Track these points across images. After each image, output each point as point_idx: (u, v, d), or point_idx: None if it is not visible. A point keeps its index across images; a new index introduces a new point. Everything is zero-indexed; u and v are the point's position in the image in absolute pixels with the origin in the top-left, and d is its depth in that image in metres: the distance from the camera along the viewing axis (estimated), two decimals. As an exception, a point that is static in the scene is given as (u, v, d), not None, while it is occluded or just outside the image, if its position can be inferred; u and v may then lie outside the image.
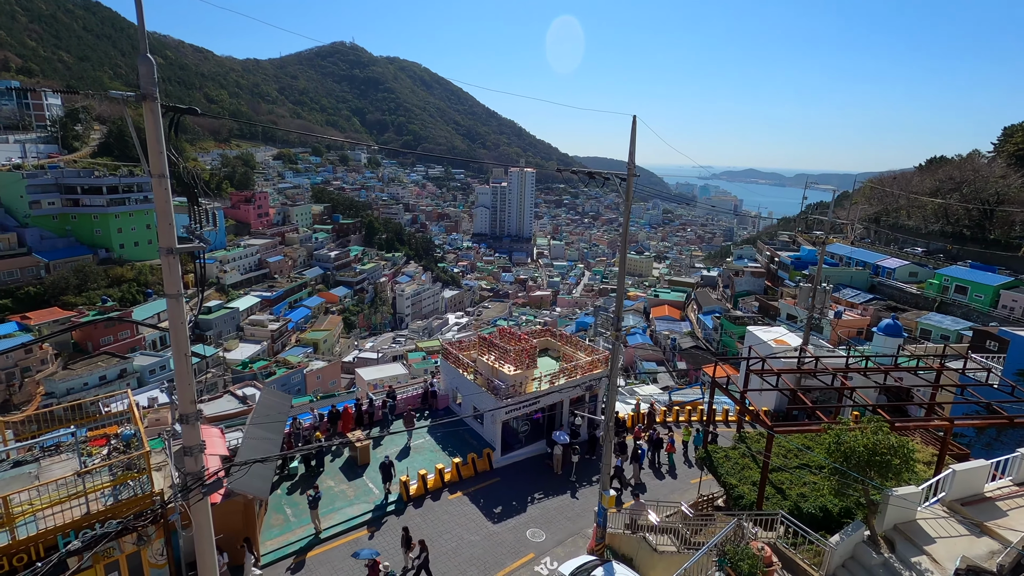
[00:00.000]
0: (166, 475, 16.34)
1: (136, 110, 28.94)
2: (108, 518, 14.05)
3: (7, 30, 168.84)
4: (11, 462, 16.21)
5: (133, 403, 18.43)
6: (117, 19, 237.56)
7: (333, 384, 77.69)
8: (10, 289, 73.69)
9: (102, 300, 77.96)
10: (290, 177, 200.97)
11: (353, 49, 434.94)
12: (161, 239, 8.19)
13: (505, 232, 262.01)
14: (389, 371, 65.29)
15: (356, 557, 16.04)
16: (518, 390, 23.48)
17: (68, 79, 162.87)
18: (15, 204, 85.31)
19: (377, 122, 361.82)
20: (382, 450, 24.00)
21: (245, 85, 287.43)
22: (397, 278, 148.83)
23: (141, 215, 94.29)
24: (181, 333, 8.42)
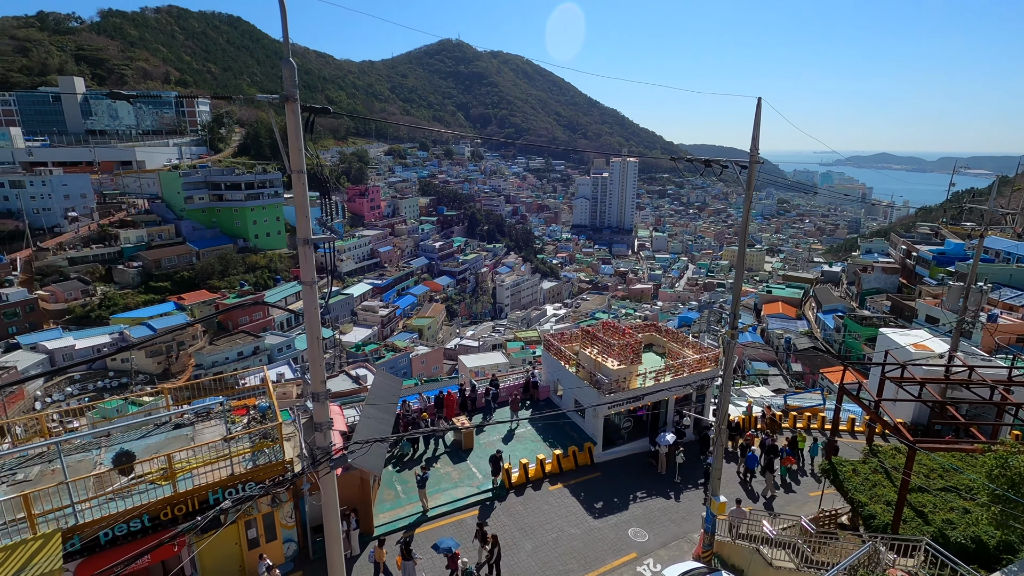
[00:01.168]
0: (294, 445, 17.96)
1: (269, 113, 31.67)
2: (248, 480, 15.72)
3: (168, 47, 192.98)
4: (172, 424, 18.65)
5: (268, 378, 20.43)
6: (254, 31, 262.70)
7: (436, 369, 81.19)
8: (169, 273, 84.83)
9: (240, 284, 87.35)
10: (400, 171, 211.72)
11: (459, 46, 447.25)
12: (299, 230, 8.88)
13: (605, 223, 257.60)
14: (490, 359, 66.85)
15: (436, 549, 16.01)
16: (621, 385, 22.99)
17: (215, 87, 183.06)
18: (174, 199, 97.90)
19: (480, 116, 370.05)
20: (484, 436, 24.64)
21: (360, 86, 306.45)
22: (497, 268, 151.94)
23: (272, 209, 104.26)
24: (314, 317, 9.10)
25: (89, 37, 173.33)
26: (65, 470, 13.84)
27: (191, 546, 14.99)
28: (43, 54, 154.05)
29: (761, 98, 13.84)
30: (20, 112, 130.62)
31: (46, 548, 12.80)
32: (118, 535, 13.87)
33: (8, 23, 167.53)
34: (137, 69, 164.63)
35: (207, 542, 14.36)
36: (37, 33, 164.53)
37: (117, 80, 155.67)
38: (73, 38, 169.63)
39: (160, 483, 14.71)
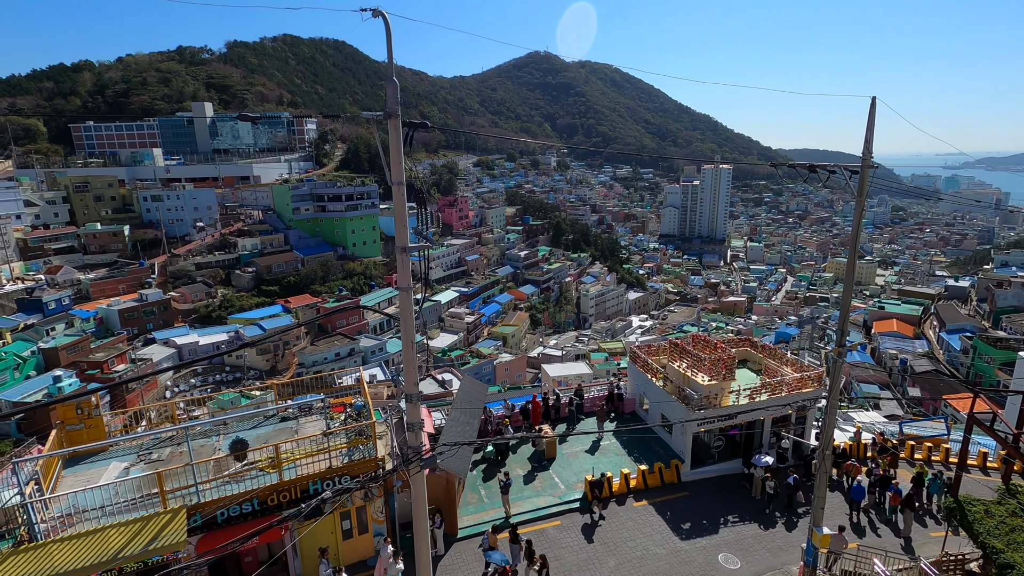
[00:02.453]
0: (386, 443, 18.83)
1: (368, 129, 33.41)
2: (343, 474, 16.68)
3: (282, 72, 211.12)
4: (279, 417, 20.23)
5: (363, 379, 21.61)
6: (356, 54, 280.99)
7: (519, 377, 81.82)
8: (278, 278, 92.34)
9: (339, 290, 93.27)
10: (487, 182, 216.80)
11: (546, 58, 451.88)
12: (397, 238, 9.38)
13: (696, 233, 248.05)
14: (573, 369, 66.36)
15: (488, 558, 16.21)
16: (712, 402, 21.96)
17: (321, 107, 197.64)
18: (284, 211, 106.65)
19: (567, 126, 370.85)
20: (567, 446, 24.47)
21: (452, 100, 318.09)
22: (582, 278, 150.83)
23: (368, 219, 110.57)
24: (409, 322, 9.54)
25: (218, 66, 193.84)
26: (191, 453, 15.43)
27: (293, 532, 16.12)
28: (181, 83, 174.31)
29: (875, 97, 12.80)
30: (161, 135, 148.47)
31: (174, 522, 14.32)
32: (232, 516, 15.22)
33: (155, 58, 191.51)
34: (256, 93, 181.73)
35: (309, 528, 15.38)
36: (176, 65, 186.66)
37: (239, 103, 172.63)
38: (205, 68, 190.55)
39: (268, 471, 15.98)
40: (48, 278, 78.73)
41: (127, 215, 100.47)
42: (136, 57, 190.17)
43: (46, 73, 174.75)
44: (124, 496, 15.34)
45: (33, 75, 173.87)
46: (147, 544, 13.77)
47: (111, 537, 13.91)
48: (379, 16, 8.76)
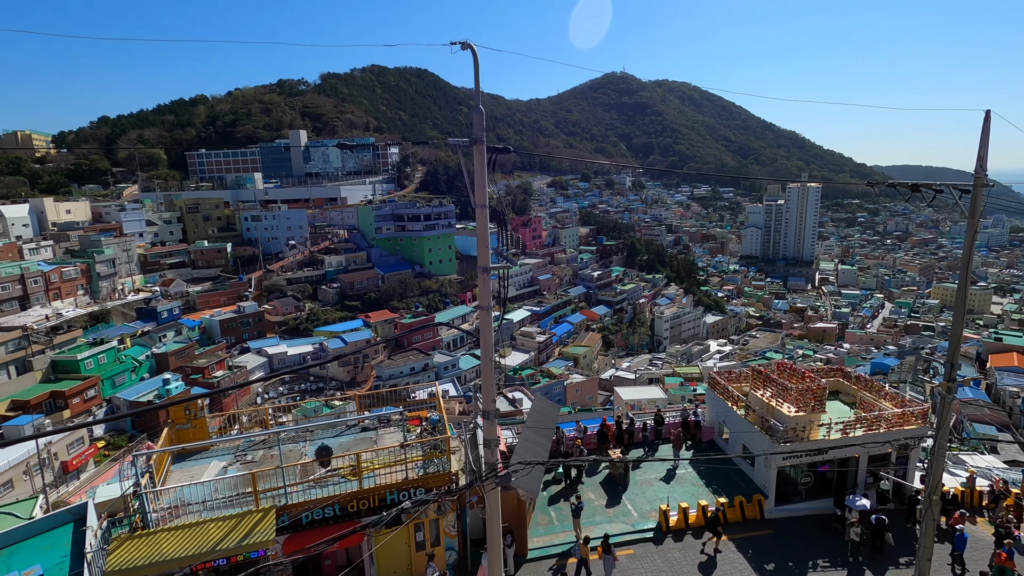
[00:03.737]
0: (459, 459, 19.17)
1: (447, 153, 33.99)
2: (418, 486, 17.14)
3: (369, 100, 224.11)
4: (360, 427, 21.16)
5: (439, 394, 22.19)
6: (438, 81, 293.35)
7: (590, 399, 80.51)
8: (360, 294, 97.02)
9: (415, 306, 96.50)
10: (561, 202, 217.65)
11: (623, 78, 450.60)
12: (479, 258, 9.71)
13: (780, 254, 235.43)
14: (647, 393, 64.23)
15: None
16: (799, 435, 20.61)
17: (404, 132, 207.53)
18: (367, 230, 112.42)
19: (643, 145, 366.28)
20: (641, 473, 23.78)
21: (527, 123, 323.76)
22: (657, 300, 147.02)
23: (445, 238, 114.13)
24: (489, 340, 9.80)
25: (312, 97, 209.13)
26: (282, 457, 16.48)
27: (370, 539, 16.72)
28: (280, 113, 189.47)
29: (990, 111, 11.79)
30: (262, 160, 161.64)
31: (264, 520, 15.30)
32: (316, 519, 16.03)
33: (259, 91, 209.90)
34: (345, 120, 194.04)
35: (388, 538, 15.91)
36: (277, 97, 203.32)
37: (330, 131, 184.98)
38: (301, 99, 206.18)
39: (349, 478, 16.73)
40: (162, 290, 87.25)
41: (230, 234, 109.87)
42: (243, 91, 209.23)
43: (168, 107, 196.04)
44: (222, 493, 16.61)
45: (158, 109, 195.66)
46: (240, 540, 14.79)
47: (210, 530, 15.08)
48: (467, 48, 9.24)
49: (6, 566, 17.19)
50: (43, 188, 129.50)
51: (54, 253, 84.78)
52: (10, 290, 70.73)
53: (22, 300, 71.93)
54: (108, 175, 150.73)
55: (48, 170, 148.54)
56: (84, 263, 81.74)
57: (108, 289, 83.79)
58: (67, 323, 70.52)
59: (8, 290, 70.51)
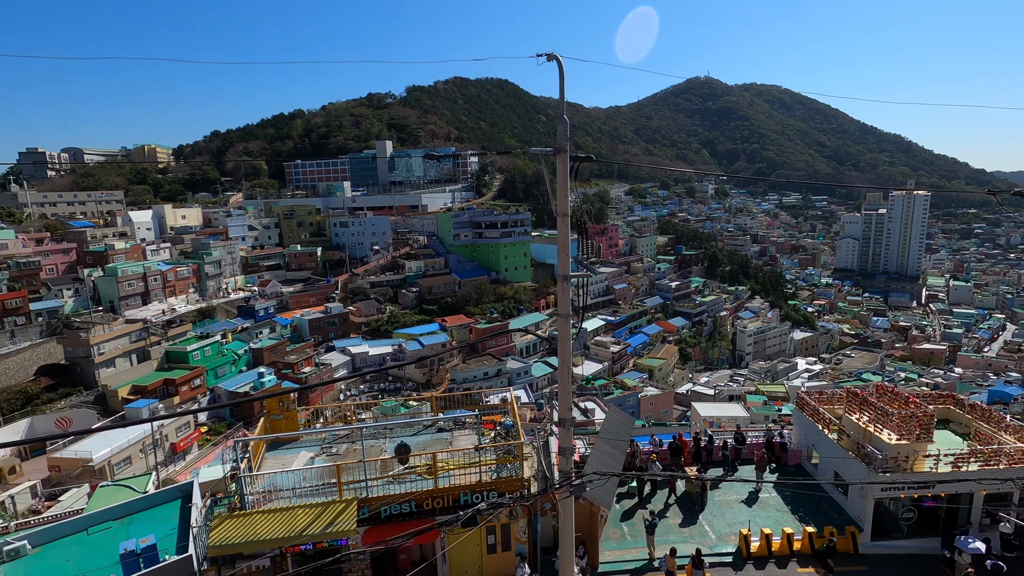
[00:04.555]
0: (531, 465, 19.24)
1: (525, 161, 33.83)
2: (491, 489, 17.38)
3: (451, 111, 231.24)
4: (436, 428, 21.79)
5: (513, 399, 22.41)
6: (517, 90, 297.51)
7: (665, 413, 78.00)
8: (437, 298, 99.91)
9: (490, 312, 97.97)
10: (638, 210, 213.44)
11: (707, 83, 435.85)
12: (559, 266, 9.77)
13: (880, 268, 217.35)
14: (728, 410, 61.48)
15: None
16: (901, 465, 18.90)
17: (483, 141, 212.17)
18: (446, 236, 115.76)
19: (727, 152, 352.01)
20: (720, 494, 22.74)
21: (605, 130, 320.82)
22: (739, 313, 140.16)
23: (521, 245, 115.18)
24: (567, 349, 9.82)
25: (398, 109, 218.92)
26: (364, 451, 17.29)
27: (444, 538, 17.14)
28: (368, 125, 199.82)
29: None
30: (350, 170, 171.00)
31: (347, 511, 16.12)
32: (393, 514, 16.66)
33: (350, 104, 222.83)
34: (428, 130, 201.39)
35: (462, 538, 16.25)
36: (366, 110, 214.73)
37: (414, 141, 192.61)
38: (387, 111, 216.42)
39: (426, 476, 17.26)
40: (260, 290, 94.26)
41: (320, 239, 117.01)
42: (336, 104, 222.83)
43: (270, 121, 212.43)
44: (309, 482, 17.67)
45: (261, 123, 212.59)
46: (325, 527, 15.67)
47: (298, 516, 16.10)
48: (553, 60, 9.38)
49: (125, 533, 19.20)
50: (164, 196, 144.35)
51: (171, 254, 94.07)
52: (135, 287, 79.24)
53: (144, 296, 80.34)
54: (217, 184, 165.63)
55: (168, 180, 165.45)
56: (195, 264, 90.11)
57: (214, 288, 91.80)
58: (179, 318, 77.91)
59: (133, 287, 79.04)
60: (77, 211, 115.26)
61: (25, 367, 63.42)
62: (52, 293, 74.80)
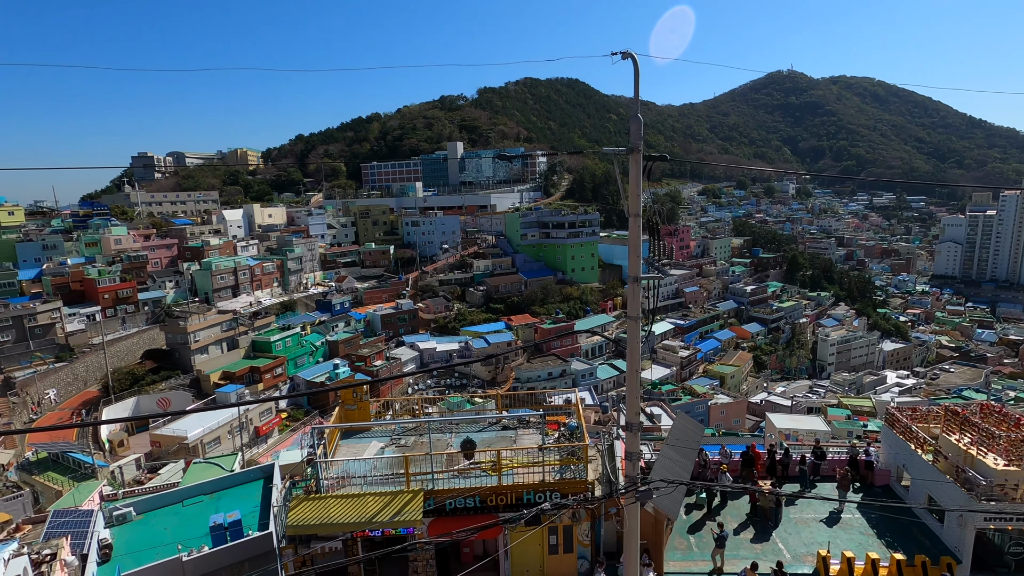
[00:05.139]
0: (595, 468, 19.04)
1: (593, 160, 33.21)
2: (554, 490, 17.36)
3: (520, 112, 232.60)
4: (501, 425, 22.02)
5: (578, 400, 22.27)
6: (588, 90, 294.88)
7: (736, 423, 74.68)
8: (503, 297, 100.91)
9: (556, 312, 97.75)
10: (712, 211, 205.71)
11: (790, 77, 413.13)
12: (630, 268, 9.61)
13: (987, 275, 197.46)
14: (806, 423, 58.07)
15: None
16: (1008, 493, 17.10)
17: (552, 141, 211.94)
18: (513, 236, 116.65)
19: (811, 149, 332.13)
20: (796, 511, 21.52)
21: (679, 128, 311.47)
22: (821, 320, 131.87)
23: (588, 246, 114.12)
24: (636, 352, 9.64)
25: (469, 111, 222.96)
26: (431, 445, 17.77)
27: (506, 535, 17.30)
28: (440, 127, 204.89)
29: None
30: (423, 170, 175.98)
31: (413, 501, 16.64)
32: (458, 507, 17.02)
33: (423, 107, 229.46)
34: (498, 131, 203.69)
35: (525, 536, 16.35)
36: (438, 112, 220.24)
37: (484, 142, 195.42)
38: (459, 113, 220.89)
39: (490, 473, 17.50)
40: (336, 285, 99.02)
41: (393, 237, 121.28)
42: (410, 107, 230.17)
43: (349, 125, 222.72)
44: (379, 471, 18.38)
45: (340, 127, 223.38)
46: (393, 515, 16.26)
47: (368, 503, 16.79)
48: (628, 58, 9.23)
49: (215, 508, 20.77)
50: (253, 196, 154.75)
51: (258, 251, 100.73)
52: (227, 280, 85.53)
53: (234, 288, 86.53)
54: (300, 185, 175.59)
55: (257, 181, 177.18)
56: (279, 260, 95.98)
57: (295, 282, 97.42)
58: (264, 310, 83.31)
59: (225, 280, 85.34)
60: (179, 210, 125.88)
61: (133, 351, 70.07)
62: (157, 284, 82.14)
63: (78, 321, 68.97)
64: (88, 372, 64.89)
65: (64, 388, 61.90)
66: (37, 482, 36.46)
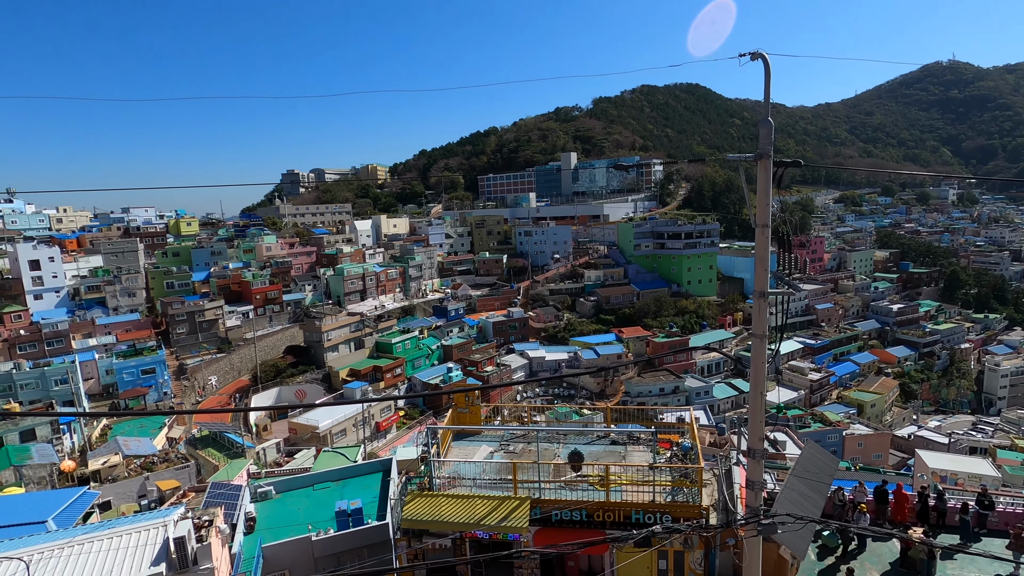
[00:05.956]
0: (711, 493, 17.92)
1: (714, 168, 31.23)
2: (664, 512, 16.59)
3: (636, 120, 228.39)
4: (609, 439, 21.54)
5: (693, 420, 21.15)
6: (708, 94, 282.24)
7: (878, 457, 66.35)
8: (614, 309, 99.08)
9: (669, 326, 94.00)
10: (851, 220, 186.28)
11: (951, 68, 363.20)
12: (756, 282, 8.98)
13: None
14: (968, 465, 50.13)
15: None
16: None
17: (669, 148, 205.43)
18: (626, 247, 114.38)
19: (978, 149, 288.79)
20: (956, 567, 18.59)
21: (812, 131, 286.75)
22: (989, 347, 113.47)
23: (706, 257, 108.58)
24: (760, 372, 8.97)
25: (584, 121, 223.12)
26: (539, 453, 17.86)
27: (613, 553, 16.85)
28: (554, 138, 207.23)
29: None
30: (536, 181, 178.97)
31: (520, 508, 16.78)
32: (564, 519, 16.88)
33: (538, 119, 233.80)
34: (612, 141, 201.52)
35: (633, 559, 15.84)
36: (553, 124, 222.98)
37: (598, 151, 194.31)
38: (573, 123, 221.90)
39: (598, 487, 17.17)
40: (452, 292, 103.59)
41: (506, 247, 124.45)
42: (525, 120, 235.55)
43: (467, 139, 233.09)
44: (488, 475, 18.81)
45: (460, 141, 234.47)
46: (500, 520, 16.51)
47: (477, 505, 17.22)
48: (758, 59, 8.69)
49: (340, 494, 22.54)
50: (380, 208, 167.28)
51: (383, 258, 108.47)
52: (356, 285, 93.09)
53: (362, 293, 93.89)
54: (422, 197, 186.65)
55: (384, 194, 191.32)
56: (401, 267, 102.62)
57: (415, 289, 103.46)
58: (387, 313, 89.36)
59: (355, 285, 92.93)
60: (318, 220, 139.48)
61: (277, 346, 78.56)
62: (298, 287, 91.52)
63: (235, 318, 78.90)
64: (241, 363, 73.83)
65: (223, 376, 70.97)
66: (200, 456, 42.11)
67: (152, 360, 62.87)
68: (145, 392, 60.67)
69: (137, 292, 78.55)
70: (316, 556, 18.43)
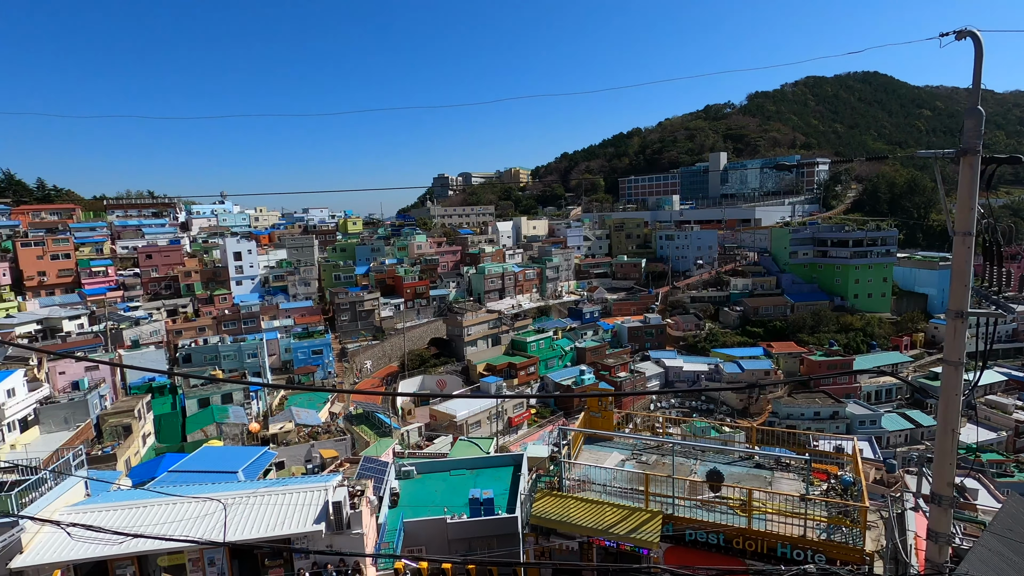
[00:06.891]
0: (875, 537, 15.67)
1: (893, 167, 26.84)
2: (818, 550, 14.86)
3: (799, 116, 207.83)
4: (754, 462, 19.88)
5: (856, 451, 18.70)
6: (889, 83, 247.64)
7: (1114, 528, 52.86)
8: (764, 321, 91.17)
9: (829, 343, 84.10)
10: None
11: None
12: (952, 300, 7.67)
13: None
14: None
15: None
16: None
17: (838, 146, 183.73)
18: (780, 254, 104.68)
19: None
20: None
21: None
22: None
23: (879, 268, 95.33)
24: (953, 405, 7.64)
25: (736, 119, 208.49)
26: (674, 468, 17.07)
27: (753, 586, 15.50)
28: (703, 138, 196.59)
29: None
30: (681, 183, 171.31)
31: (652, 522, 16.17)
32: (699, 540, 15.93)
33: (686, 118, 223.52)
34: (768, 139, 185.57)
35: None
36: (702, 123, 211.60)
37: (751, 151, 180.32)
38: (724, 122, 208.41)
39: (738, 512, 15.94)
40: (588, 295, 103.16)
41: (645, 250, 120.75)
42: (671, 120, 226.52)
43: (610, 141, 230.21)
44: (618, 483, 18.41)
45: (602, 143, 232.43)
46: (630, 531, 16.07)
47: (606, 512, 16.94)
48: (965, 37, 7.41)
49: (473, 482, 23.63)
50: (521, 210, 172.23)
51: (522, 259, 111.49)
52: (495, 283, 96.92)
53: (500, 291, 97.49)
54: (562, 199, 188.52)
55: (525, 196, 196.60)
56: (539, 268, 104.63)
57: (551, 289, 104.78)
58: (523, 312, 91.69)
59: (495, 283, 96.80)
60: (464, 221, 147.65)
61: (423, 337, 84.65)
62: (443, 283, 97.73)
63: (388, 309, 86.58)
64: (392, 351, 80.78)
65: (376, 361, 78.28)
66: (355, 431, 46.87)
67: (320, 343, 71.39)
68: (314, 370, 69.11)
69: (311, 282, 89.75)
70: (450, 538, 19.50)
